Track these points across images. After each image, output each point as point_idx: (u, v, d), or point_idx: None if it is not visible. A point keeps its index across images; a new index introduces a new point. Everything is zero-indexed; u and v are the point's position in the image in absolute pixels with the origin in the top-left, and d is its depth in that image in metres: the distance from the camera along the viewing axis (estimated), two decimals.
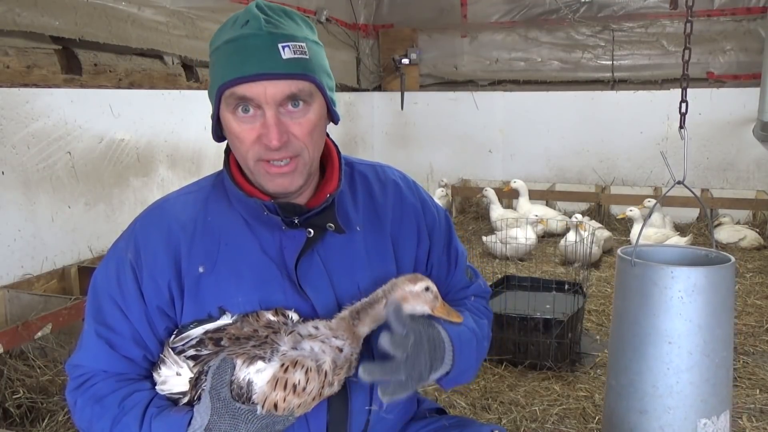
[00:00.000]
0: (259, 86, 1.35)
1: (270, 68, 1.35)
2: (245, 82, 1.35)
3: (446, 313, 1.44)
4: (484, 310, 1.70)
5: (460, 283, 1.71)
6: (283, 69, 1.35)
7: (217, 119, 1.46)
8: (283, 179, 1.42)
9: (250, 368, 1.28)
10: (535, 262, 5.85)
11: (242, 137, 1.39)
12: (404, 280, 1.41)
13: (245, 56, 1.35)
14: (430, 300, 1.41)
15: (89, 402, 1.41)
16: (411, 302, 1.39)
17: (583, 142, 7.69)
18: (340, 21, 7.85)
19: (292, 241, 1.46)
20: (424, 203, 1.66)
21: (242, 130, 1.39)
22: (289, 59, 1.36)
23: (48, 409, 3.10)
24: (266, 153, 1.39)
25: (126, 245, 1.48)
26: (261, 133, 1.38)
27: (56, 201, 4.14)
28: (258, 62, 1.34)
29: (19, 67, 4.03)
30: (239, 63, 1.35)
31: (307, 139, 1.41)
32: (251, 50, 1.35)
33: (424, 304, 1.40)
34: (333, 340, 1.32)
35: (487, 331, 1.65)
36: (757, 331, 4.16)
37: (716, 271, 2.01)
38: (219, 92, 1.39)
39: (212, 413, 1.27)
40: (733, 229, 6.32)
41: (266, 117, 1.37)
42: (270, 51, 1.35)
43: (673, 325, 2.00)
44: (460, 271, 1.71)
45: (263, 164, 1.41)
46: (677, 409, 2.02)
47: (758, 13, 7.09)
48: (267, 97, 1.36)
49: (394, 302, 1.37)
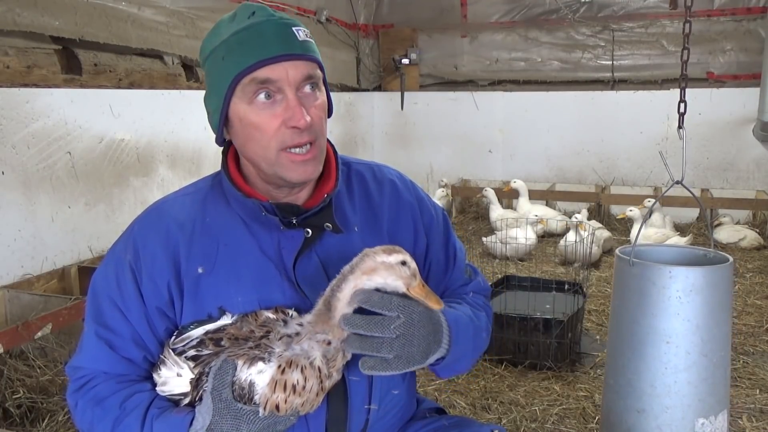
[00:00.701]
0: (281, 67, 1.36)
1: (290, 49, 1.37)
2: (267, 65, 1.36)
3: (423, 295, 1.33)
4: (483, 304, 1.69)
5: (458, 281, 1.70)
6: (301, 50, 1.39)
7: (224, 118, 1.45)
8: (307, 166, 1.43)
9: (251, 369, 1.28)
10: (535, 262, 5.85)
11: (264, 126, 1.39)
12: (378, 249, 1.32)
13: (264, 40, 1.36)
14: (406, 276, 1.31)
15: (90, 404, 1.41)
16: (382, 274, 1.30)
17: (583, 142, 7.69)
18: (340, 21, 7.85)
19: (291, 241, 1.46)
20: (421, 202, 1.66)
21: (263, 119, 1.39)
22: (304, 41, 1.40)
23: (48, 409, 3.11)
24: (292, 137, 1.39)
25: (125, 247, 1.48)
26: (285, 118, 1.38)
27: (56, 201, 4.14)
28: (278, 44, 1.36)
29: (19, 67, 4.04)
30: (258, 46, 1.36)
31: (321, 124, 1.44)
32: (269, 34, 1.37)
33: (397, 278, 1.30)
34: (318, 336, 1.30)
35: (485, 324, 1.63)
36: (756, 331, 4.17)
37: (714, 270, 2.01)
38: (234, 82, 1.38)
39: (214, 414, 1.27)
40: (733, 229, 6.32)
41: (288, 99, 1.38)
42: (287, 34, 1.38)
43: (671, 325, 2.00)
44: (459, 270, 1.70)
45: (286, 154, 1.41)
46: (675, 408, 2.03)
47: (758, 13, 7.10)
48: (289, 78, 1.37)
49: (359, 294, 1.29)
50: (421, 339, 1.33)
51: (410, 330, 1.31)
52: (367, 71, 8.47)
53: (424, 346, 1.33)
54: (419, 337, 1.32)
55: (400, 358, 1.30)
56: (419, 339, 1.32)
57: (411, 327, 1.31)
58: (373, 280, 1.30)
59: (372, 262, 1.30)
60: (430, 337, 1.35)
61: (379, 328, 1.29)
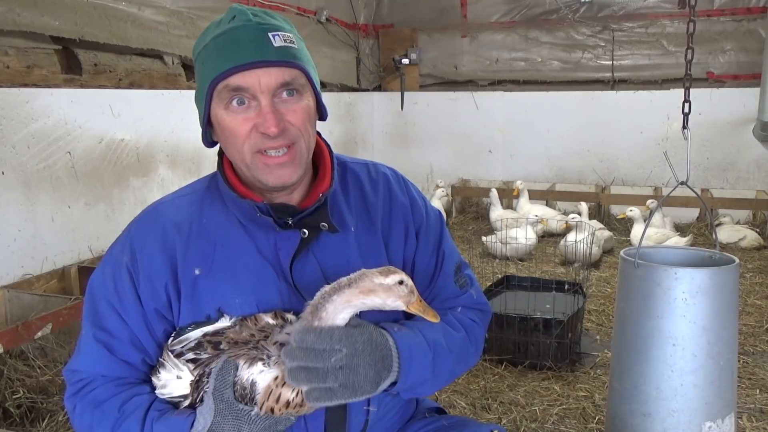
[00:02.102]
0: (252, 75, 1.35)
1: (262, 55, 1.35)
2: (238, 72, 1.35)
3: (422, 310, 1.36)
4: (467, 322, 1.60)
5: (447, 291, 1.64)
6: (275, 56, 1.36)
7: (208, 122, 1.45)
8: (283, 170, 1.41)
9: (252, 369, 1.28)
10: (535, 262, 5.85)
11: (236, 130, 1.39)
12: (375, 272, 1.32)
13: (237, 46, 1.35)
14: (405, 294, 1.33)
15: (88, 407, 1.41)
16: (380, 296, 1.30)
17: (583, 142, 7.69)
18: (340, 21, 7.84)
19: (287, 242, 1.46)
20: (413, 202, 1.64)
21: (236, 123, 1.38)
22: (280, 47, 1.37)
23: (48, 409, 3.10)
24: (263, 142, 1.38)
25: (122, 249, 1.48)
26: (257, 123, 1.37)
27: (56, 201, 4.13)
28: (250, 51, 1.35)
29: (19, 67, 4.03)
30: (231, 53, 1.35)
31: (303, 127, 1.42)
32: (242, 40, 1.36)
33: (396, 298, 1.32)
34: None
35: (458, 344, 1.54)
36: (757, 331, 4.17)
37: (720, 272, 2.00)
38: (211, 88, 1.38)
39: (215, 414, 1.27)
40: (733, 229, 6.32)
41: (261, 105, 1.37)
42: (261, 39, 1.36)
43: (677, 327, 1.99)
44: (447, 276, 1.64)
45: (260, 156, 1.40)
46: (681, 412, 2.01)
47: (758, 13, 7.10)
48: (261, 85, 1.36)
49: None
50: (368, 367, 1.28)
51: (353, 360, 1.27)
52: (367, 71, 8.46)
53: (371, 374, 1.29)
54: (365, 366, 1.28)
55: (346, 387, 1.26)
56: (365, 367, 1.28)
57: (354, 357, 1.27)
58: (371, 300, 1.30)
59: (370, 283, 1.30)
60: (378, 365, 1.31)
61: (320, 359, 1.25)
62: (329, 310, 1.28)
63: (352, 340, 1.27)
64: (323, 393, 1.25)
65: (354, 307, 1.30)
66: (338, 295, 1.28)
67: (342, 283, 1.30)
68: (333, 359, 1.25)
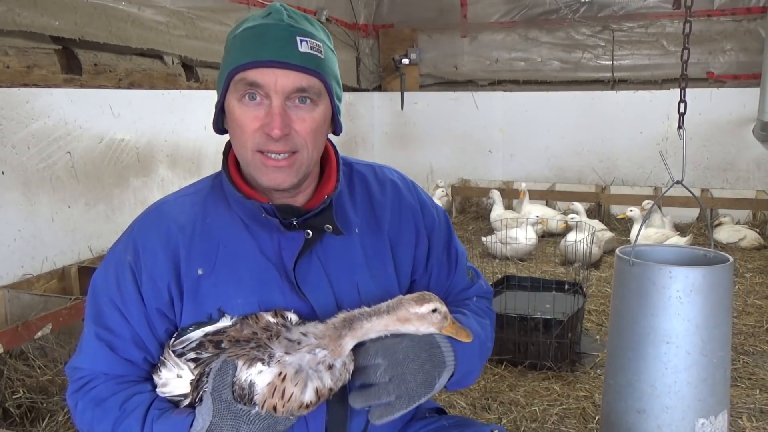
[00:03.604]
0: (271, 74, 1.36)
1: (284, 57, 1.36)
2: (258, 67, 1.36)
3: (455, 332, 1.40)
4: (486, 310, 1.69)
5: (461, 284, 1.70)
6: (298, 61, 1.37)
7: (221, 109, 1.46)
8: (278, 174, 1.41)
9: (251, 369, 1.28)
10: (535, 262, 5.85)
11: (244, 124, 1.39)
12: (410, 299, 1.36)
13: (262, 42, 1.36)
14: (438, 321, 1.37)
15: (90, 405, 1.41)
16: (415, 324, 1.35)
17: (583, 142, 7.69)
18: (340, 21, 7.85)
19: (291, 243, 1.46)
20: (422, 204, 1.66)
21: (245, 117, 1.39)
22: (305, 53, 1.38)
23: (48, 409, 3.11)
24: (266, 143, 1.39)
25: (125, 247, 1.48)
26: (264, 122, 1.38)
27: (56, 201, 4.14)
28: (273, 49, 1.36)
29: (19, 67, 4.04)
30: (255, 48, 1.36)
31: (309, 137, 1.41)
32: (269, 37, 1.37)
33: (430, 326, 1.37)
34: (318, 352, 1.29)
35: (490, 332, 1.64)
36: (757, 331, 4.16)
37: (714, 271, 2.01)
38: (229, 76, 1.39)
39: (214, 414, 1.27)
40: (733, 229, 6.32)
41: (272, 106, 1.37)
42: (287, 41, 1.37)
43: (672, 325, 2.00)
44: (461, 272, 1.70)
45: (260, 156, 1.41)
46: (675, 408, 2.03)
47: (758, 13, 7.10)
48: (277, 86, 1.36)
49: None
50: (416, 372, 1.35)
51: (398, 370, 1.34)
52: (367, 71, 8.46)
53: (421, 377, 1.36)
54: (412, 372, 1.35)
55: (401, 398, 1.34)
56: (413, 373, 1.35)
57: (397, 366, 1.34)
58: (404, 328, 1.36)
59: (406, 312, 1.35)
60: (427, 366, 1.37)
61: (366, 377, 1.34)
62: (365, 327, 1.32)
63: (390, 351, 1.34)
64: (385, 409, 1.34)
65: (388, 332, 1.35)
66: (378, 318, 1.33)
67: (381, 309, 1.34)
68: (377, 373, 1.33)
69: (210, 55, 5.62)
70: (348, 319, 1.32)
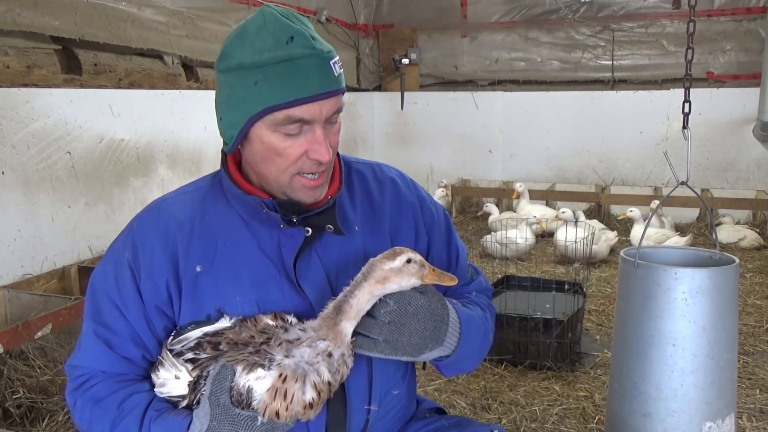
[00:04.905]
0: (315, 106, 1.36)
1: (328, 87, 1.37)
2: (303, 104, 1.35)
3: (438, 278, 1.38)
4: (487, 304, 1.69)
5: (461, 281, 1.69)
6: (336, 86, 1.39)
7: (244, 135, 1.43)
8: (316, 191, 1.46)
9: (250, 375, 1.27)
10: (535, 262, 5.85)
11: (287, 154, 1.39)
12: (382, 258, 1.34)
13: (304, 78, 1.34)
14: (416, 271, 1.35)
15: (88, 403, 1.41)
16: (394, 280, 1.33)
17: (583, 142, 7.69)
18: (340, 21, 7.84)
19: (291, 240, 1.46)
20: (422, 201, 1.66)
21: (287, 147, 1.39)
22: (339, 75, 1.41)
23: (48, 409, 3.10)
24: (311, 167, 1.41)
25: (123, 245, 1.48)
26: (309, 149, 1.39)
27: (56, 201, 4.13)
28: (317, 83, 1.35)
29: (19, 67, 4.03)
30: (299, 85, 1.34)
31: (335, 148, 1.47)
32: (310, 71, 1.35)
33: (410, 276, 1.34)
34: (319, 344, 1.29)
35: (491, 325, 1.65)
36: (757, 331, 4.17)
37: (720, 272, 1.99)
38: (265, 112, 1.36)
39: (211, 419, 1.27)
40: (733, 229, 6.32)
41: (316, 133, 1.39)
42: (326, 70, 1.37)
43: (677, 327, 1.99)
44: (461, 269, 1.70)
45: (300, 178, 1.43)
46: (681, 412, 2.01)
47: (758, 13, 7.10)
48: (322, 114, 1.38)
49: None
50: (414, 331, 1.34)
51: (401, 319, 1.33)
52: (367, 71, 8.46)
53: (416, 338, 1.35)
54: (411, 329, 1.34)
55: (388, 343, 1.34)
56: (411, 330, 1.34)
57: (403, 316, 1.34)
58: (388, 287, 1.34)
59: (381, 272, 1.33)
60: (426, 333, 1.36)
61: (373, 310, 1.34)
62: (353, 305, 1.31)
63: (405, 301, 1.34)
64: (367, 342, 1.34)
65: (376, 297, 1.34)
66: (359, 290, 1.32)
67: (358, 280, 1.33)
68: (382, 311, 1.33)
69: (210, 55, 5.61)
70: (337, 305, 1.32)
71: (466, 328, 1.46)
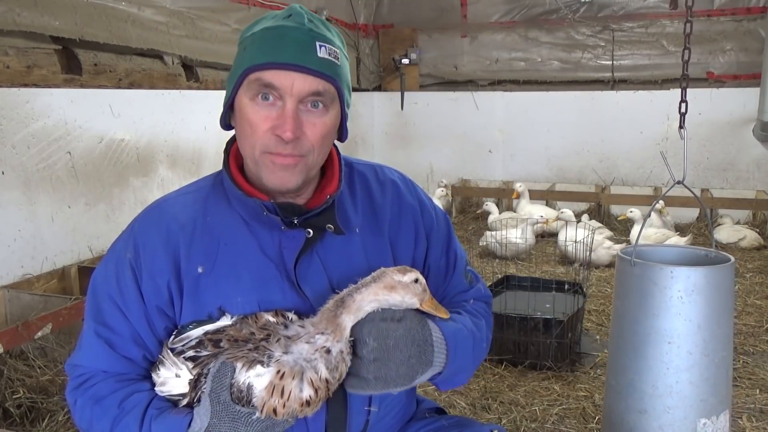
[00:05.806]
0: (287, 76, 1.36)
1: (303, 61, 1.36)
2: (275, 69, 1.36)
3: (434, 308, 1.42)
4: (483, 312, 1.68)
5: (458, 287, 1.69)
6: (316, 66, 1.37)
7: (230, 106, 1.46)
8: (284, 173, 1.42)
9: (250, 372, 1.28)
10: (535, 262, 5.85)
11: (256, 124, 1.39)
12: (393, 270, 1.38)
13: (282, 44, 1.36)
14: (419, 292, 1.39)
15: (89, 402, 1.41)
16: (400, 293, 1.36)
17: (583, 142, 7.69)
18: (340, 21, 7.85)
19: (292, 241, 1.46)
20: (422, 204, 1.66)
21: (258, 117, 1.39)
22: (323, 59, 1.39)
23: (48, 409, 3.11)
24: (276, 145, 1.39)
25: (125, 245, 1.48)
26: (276, 124, 1.38)
27: (56, 201, 4.14)
28: (293, 52, 1.36)
29: (19, 67, 4.03)
30: (274, 49, 1.36)
31: (318, 142, 1.42)
32: (289, 40, 1.37)
33: (413, 296, 1.38)
34: (317, 339, 1.30)
35: (485, 333, 1.63)
36: (757, 331, 4.16)
37: (716, 270, 2.01)
38: (244, 74, 1.39)
39: (212, 416, 1.27)
40: (733, 229, 6.32)
41: (285, 108, 1.37)
42: (307, 45, 1.37)
43: (673, 325, 2.00)
44: (459, 275, 1.69)
45: (269, 156, 1.41)
46: (677, 408, 2.02)
47: (758, 13, 7.10)
48: (293, 89, 1.37)
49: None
50: (400, 362, 1.34)
51: (384, 354, 1.33)
52: (367, 71, 8.46)
53: (404, 369, 1.34)
54: (397, 360, 1.33)
55: (379, 380, 1.33)
56: (397, 362, 1.33)
57: (385, 351, 1.33)
58: (392, 297, 1.36)
59: (391, 280, 1.36)
60: (413, 360, 1.36)
61: (355, 349, 1.34)
62: (357, 300, 1.33)
63: (383, 335, 1.34)
64: (358, 382, 1.34)
65: (378, 302, 1.35)
66: (366, 288, 1.34)
67: (367, 281, 1.36)
68: (364, 350, 1.33)
69: (210, 55, 5.62)
70: (339, 299, 1.34)
71: (453, 344, 1.44)
